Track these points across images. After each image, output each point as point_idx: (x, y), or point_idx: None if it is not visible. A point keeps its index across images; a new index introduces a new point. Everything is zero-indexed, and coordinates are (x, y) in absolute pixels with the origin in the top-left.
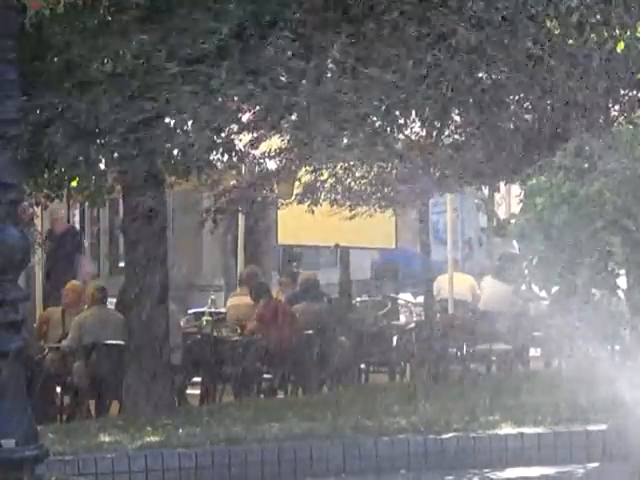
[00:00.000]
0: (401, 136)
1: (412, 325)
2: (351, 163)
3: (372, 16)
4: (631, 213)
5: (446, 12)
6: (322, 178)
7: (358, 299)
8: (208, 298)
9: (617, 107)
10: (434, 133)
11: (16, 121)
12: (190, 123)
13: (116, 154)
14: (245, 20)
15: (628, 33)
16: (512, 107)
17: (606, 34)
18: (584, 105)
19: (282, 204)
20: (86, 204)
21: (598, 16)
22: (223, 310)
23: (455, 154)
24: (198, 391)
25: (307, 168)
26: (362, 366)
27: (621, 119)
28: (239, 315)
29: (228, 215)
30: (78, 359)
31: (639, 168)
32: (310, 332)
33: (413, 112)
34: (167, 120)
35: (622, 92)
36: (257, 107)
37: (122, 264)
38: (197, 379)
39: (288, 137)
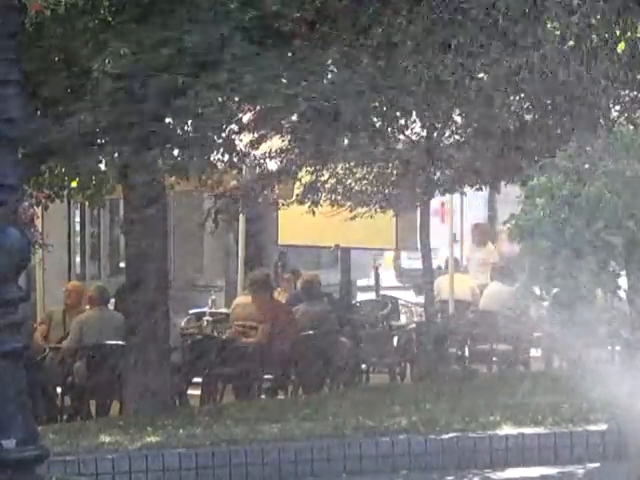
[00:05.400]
0: (401, 136)
1: (412, 325)
2: (352, 164)
3: (372, 17)
4: (632, 214)
5: (447, 14)
6: (323, 179)
7: (359, 299)
8: (209, 298)
9: (618, 107)
10: (434, 133)
11: (17, 121)
12: (190, 123)
13: (116, 154)
14: (246, 21)
15: (629, 33)
16: (512, 107)
17: (606, 34)
18: (585, 105)
19: (283, 205)
20: (86, 204)
21: (599, 16)
22: (223, 310)
23: (455, 154)
24: (198, 391)
25: (308, 169)
26: (362, 366)
27: (622, 119)
28: (244, 315)
29: (229, 215)
30: (79, 359)
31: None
32: (310, 332)
33: (413, 112)
34: (167, 120)
35: (622, 92)
36: (258, 107)
37: (122, 264)
38: (197, 379)
39: (289, 137)
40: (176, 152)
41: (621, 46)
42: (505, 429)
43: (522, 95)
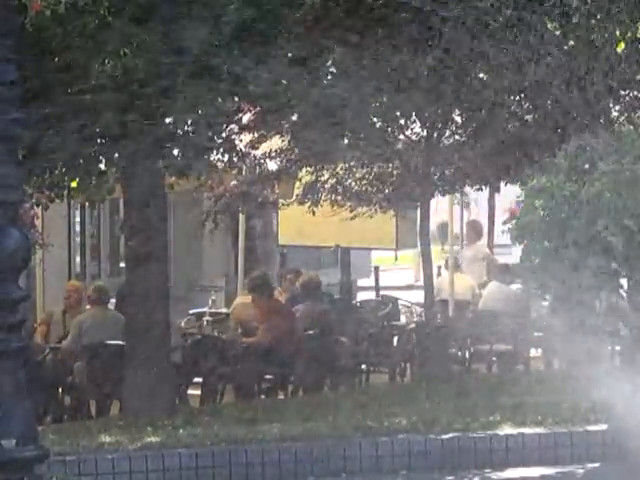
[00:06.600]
0: (401, 136)
1: (412, 325)
2: (352, 163)
3: (372, 18)
4: (633, 214)
5: (447, 14)
6: (323, 179)
7: (359, 299)
8: (209, 298)
9: (618, 107)
10: (434, 133)
11: (16, 121)
12: (190, 122)
13: (116, 154)
14: (246, 22)
15: (629, 34)
16: (512, 107)
17: (606, 35)
18: (585, 105)
19: (283, 205)
20: (86, 204)
21: (599, 17)
22: (224, 310)
23: (455, 154)
24: (198, 391)
25: (308, 169)
26: (362, 366)
27: (622, 119)
28: (244, 315)
29: (229, 215)
30: (79, 359)
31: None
32: (310, 332)
33: (413, 113)
34: (167, 120)
35: (622, 92)
36: (258, 107)
37: (122, 264)
38: (197, 379)
39: (289, 137)
40: (176, 152)
41: (621, 46)
42: (505, 429)
43: (522, 95)
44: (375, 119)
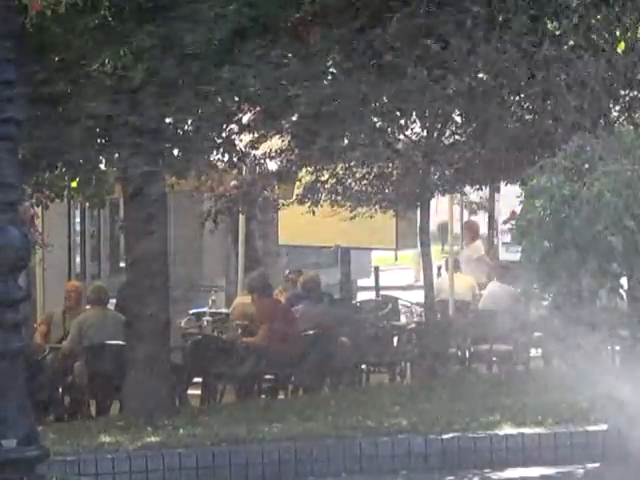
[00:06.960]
0: (401, 136)
1: (412, 325)
2: (352, 163)
3: (372, 18)
4: (633, 214)
5: (446, 14)
6: (323, 179)
7: (359, 299)
8: (209, 298)
9: (618, 107)
10: (434, 133)
11: (16, 121)
12: (190, 122)
13: (116, 154)
14: (245, 21)
15: (628, 34)
16: (512, 107)
17: (606, 35)
18: (585, 105)
19: (283, 205)
20: (86, 204)
21: (598, 17)
22: (224, 310)
23: (455, 154)
24: (199, 391)
25: (308, 169)
26: (362, 366)
27: (622, 119)
28: (244, 315)
29: (229, 215)
30: (79, 359)
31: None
32: (310, 332)
33: (413, 113)
34: (167, 120)
35: (622, 92)
36: (257, 107)
37: (122, 264)
38: (197, 379)
39: (289, 137)
40: (176, 152)
41: (621, 46)
42: (505, 429)
43: (522, 95)
44: (375, 119)
